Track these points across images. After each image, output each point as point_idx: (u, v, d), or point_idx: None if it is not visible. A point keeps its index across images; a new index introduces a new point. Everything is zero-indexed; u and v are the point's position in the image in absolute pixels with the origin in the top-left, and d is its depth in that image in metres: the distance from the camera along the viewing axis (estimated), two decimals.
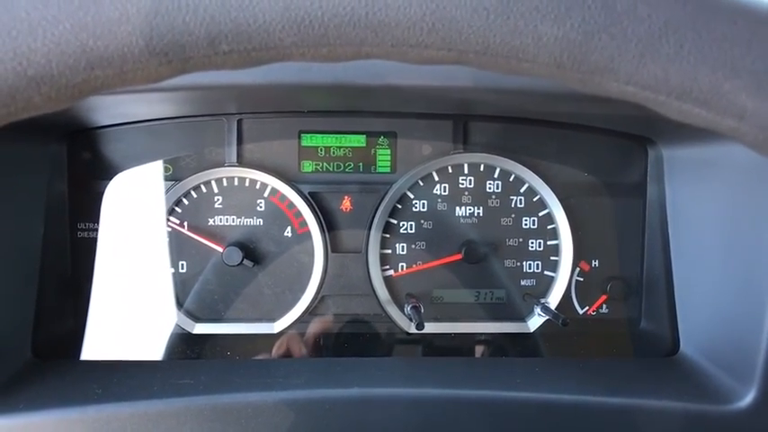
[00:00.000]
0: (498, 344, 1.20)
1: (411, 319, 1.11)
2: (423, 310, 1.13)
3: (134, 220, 1.15)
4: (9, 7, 0.36)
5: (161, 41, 0.40)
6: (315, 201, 1.16)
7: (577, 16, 0.38)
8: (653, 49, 0.39)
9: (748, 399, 0.89)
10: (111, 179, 1.15)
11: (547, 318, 1.15)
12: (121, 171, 1.15)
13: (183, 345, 1.15)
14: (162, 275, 1.16)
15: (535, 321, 1.19)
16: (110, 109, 1.06)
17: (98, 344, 1.13)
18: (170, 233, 1.16)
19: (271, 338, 1.16)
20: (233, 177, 1.16)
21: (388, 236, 1.18)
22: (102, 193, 1.15)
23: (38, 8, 0.36)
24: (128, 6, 0.37)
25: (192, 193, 1.16)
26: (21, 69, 0.37)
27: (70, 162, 1.13)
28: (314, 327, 1.18)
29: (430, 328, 1.16)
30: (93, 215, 1.15)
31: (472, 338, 1.19)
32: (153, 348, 1.15)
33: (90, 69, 0.41)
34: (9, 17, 0.36)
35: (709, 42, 0.38)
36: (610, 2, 0.38)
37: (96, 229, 1.15)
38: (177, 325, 1.16)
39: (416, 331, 1.08)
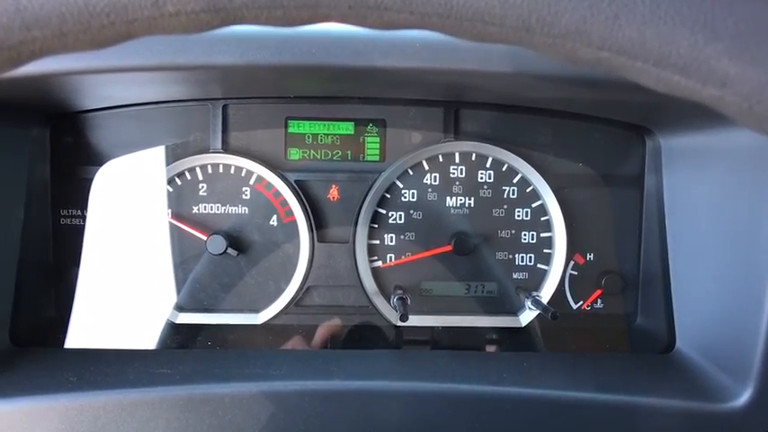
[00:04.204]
0: (488, 338, 1.17)
1: (397, 311, 1.08)
2: (409, 302, 1.10)
3: (122, 208, 1.13)
4: None
5: (101, 1, 0.37)
6: (301, 189, 1.14)
7: None
8: (627, 9, 0.36)
9: (744, 397, 0.86)
10: (95, 165, 1.13)
11: (539, 312, 1.12)
12: (106, 157, 1.13)
13: (166, 334, 1.13)
14: (146, 264, 1.14)
15: (527, 316, 1.16)
16: (93, 91, 1.03)
17: (82, 332, 1.11)
18: (152, 220, 1.13)
19: (254, 329, 1.14)
20: (218, 164, 1.13)
21: (376, 226, 1.15)
22: (86, 180, 1.12)
23: None
24: None
25: (177, 179, 1.13)
26: None
27: (53, 147, 1.11)
28: (298, 318, 1.15)
29: (418, 321, 1.14)
30: (78, 202, 1.13)
31: (461, 332, 1.16)
32: (136, 337, 1.13)
33: (26, 30, 0.38)
34: None
35: (687, 2, 0.35)
36: None
37: (81, 216, 1.13)
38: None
39: (403, 324, 1.05)
